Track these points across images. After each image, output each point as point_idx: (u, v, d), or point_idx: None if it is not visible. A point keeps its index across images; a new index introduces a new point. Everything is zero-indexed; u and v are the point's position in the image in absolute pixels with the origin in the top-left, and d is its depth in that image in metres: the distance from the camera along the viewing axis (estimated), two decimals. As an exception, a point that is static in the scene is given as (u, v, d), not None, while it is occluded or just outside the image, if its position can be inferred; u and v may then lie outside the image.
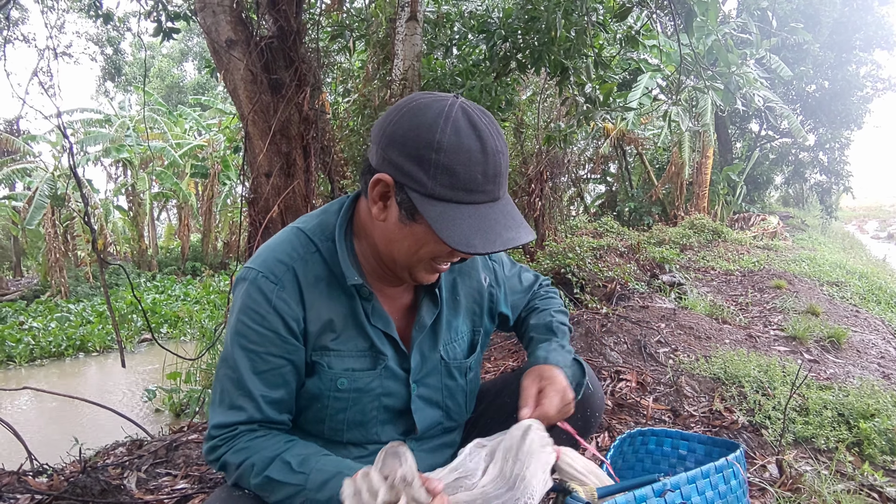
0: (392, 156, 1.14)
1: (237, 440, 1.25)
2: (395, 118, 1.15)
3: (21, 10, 17.00)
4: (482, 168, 1.11)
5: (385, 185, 1.16)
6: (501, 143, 1.15)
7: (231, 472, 1.25)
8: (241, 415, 1.26)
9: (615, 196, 18.32)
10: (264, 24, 4.02)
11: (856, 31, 18.80)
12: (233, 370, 1.27)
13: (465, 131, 1.10)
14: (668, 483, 1.12)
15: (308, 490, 1.15)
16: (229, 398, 1.27)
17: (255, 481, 1.20)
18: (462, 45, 5.99)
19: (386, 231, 1.23)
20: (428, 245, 1.19)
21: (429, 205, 1.12)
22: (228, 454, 1.24)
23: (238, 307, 1.28)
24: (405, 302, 1.43)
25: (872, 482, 2.45)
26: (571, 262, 6.57)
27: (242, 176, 4.39)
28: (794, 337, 4.92)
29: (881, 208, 46.06)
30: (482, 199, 1.13)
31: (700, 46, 9.70)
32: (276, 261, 1.28)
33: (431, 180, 1.10)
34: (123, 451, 3.13)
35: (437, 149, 1.09)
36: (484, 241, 1.10)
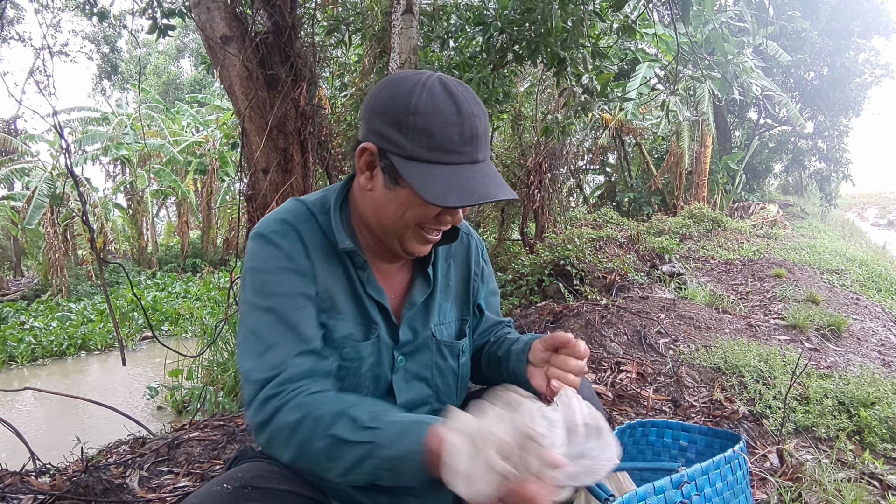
0: (374, 125, 1.21)
1: (293, 394, 1.16)
2: (377, 91, 1.23)
3: (17, 10, 16.94)
4: (458, 129, 1.16)
5: (370, 153, 1.23)
6: (479, 109, 1.20)
7: (286, 435, 1.14)
8: (286, 349, 1.21)
9: (614, 187, 18.29)
10: (259, 20, 4.00)
11: (854, 18, 18.72)
12: (266, 312, 1.23)
13: (441, 96, 1.16)
14: (685, 474, 1.12)
15: (379, 446, 1.06)
16: (269, 339, 1.21)
17: (320, 444, 1.10)
18: (459, 37, 5.97)
19: (374, 200, 1.28)
20: (412, 208, 1.23)
21: (409, 166, 1.17)
22: (283, 412, 1.15)
23: (252, 261, 1.28)
24: (401, 281, 1.46)
25: (873, 470, 2.45)
26: (571, 254, 6.57)
27: (240, 172, 4.39)
28: (795, 326, 4.93)
29: (881, 195, 45.99)
30: (460, 160, 1.18)
31: (697, 35, 9.67)
32: (281, 221, 1.31)
33: (410, 143, 1.16)
34: (125, 449, 3.13)
35: (413, 112, 1.15)
36: (460, 195, 1.14)
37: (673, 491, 1.10)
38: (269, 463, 1.39)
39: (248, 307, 1.26)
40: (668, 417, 3.05)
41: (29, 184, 18.43)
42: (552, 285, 6.25)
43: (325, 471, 1.13)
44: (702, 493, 1.15)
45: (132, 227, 22.42)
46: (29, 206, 17.18)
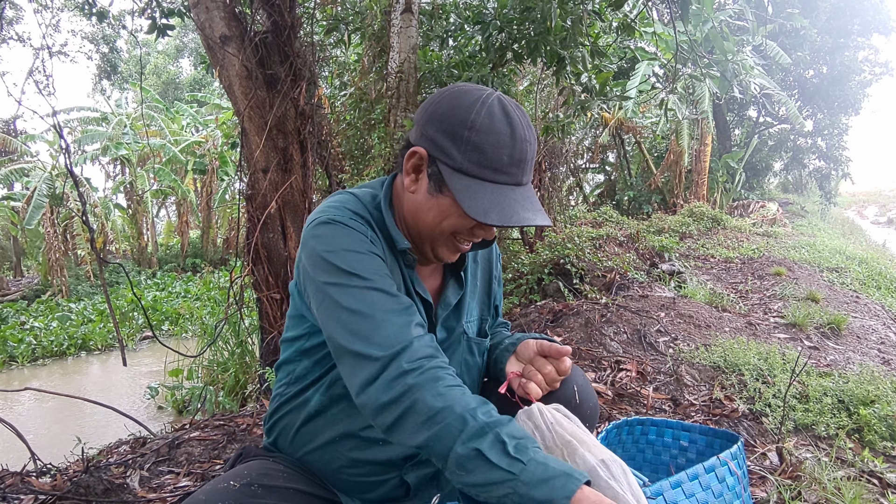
0: (429, 131, 1.24)
1: (433, 374, 1.13)
2: (438, 99, 1.26)
3: (16, 10, 16.92)
4: (509, 151, 1.20)
5: (419, 157, 1.26)
6: (531, 134, 1.24)
7: (423, 419, 1.10)
8: (402, 322, 1.19)
9: (614, 185, 18.29)
10: (258, 20, 4.00)
11: (853, 16, 18.72)
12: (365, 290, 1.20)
13: (498, 116, 1.20)
14: (647, 490, 1.10)
15: (521, 483, 1.02)
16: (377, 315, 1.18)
17: (461, 451, 1.07)
18: (458, 36, 5.96)
19: (414, 202, 1.31)
20: (451, 217, 1.26)
21: (456, 178, 1.21)
22: (425, 393, 1.11)
23: (332, 247, 1.25)
24: (434, 283, 1.49)
25: (873, 468, 2.46)
26: (570, 253, 6.57)
27: (240, 172, 4.39)
28: (794, 324, 4.93)
29: (880, 193, 46.01)
30: (506, 180, 1.22)
31: (697, 34, 9.68)
32: (350, 211, 1.32)
33: (461, 155, 1.20)
34: (126, 449, 3.13)
35: (470, 127, 1.19)
36: (500, 215, 1.18)
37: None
38: (274, 461, 1.41)
39: (340, 289, 1.21)
40: (667, 416, 3.06)
41: (28, 184, 18.43)
42: (552, 284, 6.25)
43: (449, 472, 1.10)
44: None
45: (132, 227, 22.42)
46: (28, 206, 17.17)
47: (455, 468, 1.08)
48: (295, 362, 1.43)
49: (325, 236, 1.26)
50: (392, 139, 5.39)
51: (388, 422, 1.13)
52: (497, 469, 1.04)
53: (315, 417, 1.40)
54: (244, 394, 6.28)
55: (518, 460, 1.04)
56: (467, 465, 1.06)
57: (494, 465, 1.04)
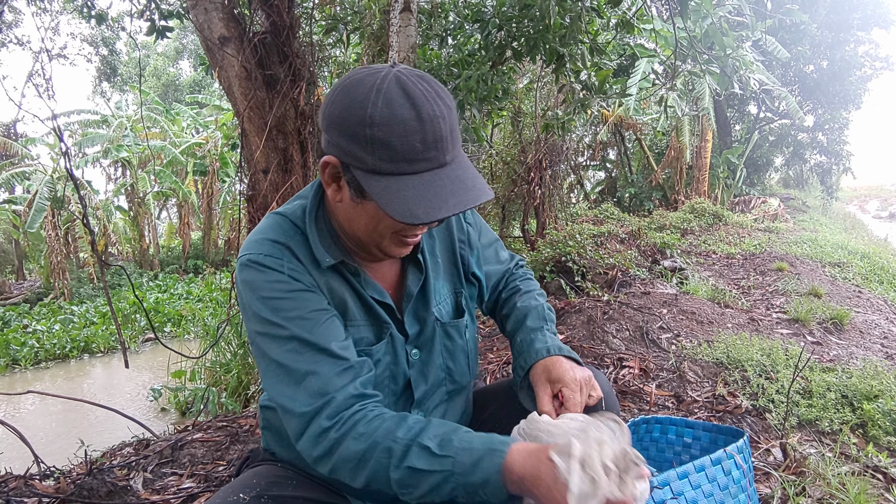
0: (333, 137, 1.14)
1: (352, 423, 1.14)
2: (332, 99, 1.15)
3: (15, 13, 16.92)
4: (420, 136, 1.08)
5: (333, 166, 1.17)
6: (441, 107, 1.11)
7: (353, 465, 1.13)
8: (324, 375, 1.17)
9: (615, 182, 18.28)
10: (257, 20, 3.99)
11: (853, 11, 18.69)
12: (287, 340, 1.19)
13: (398, 101, 1.08)
14: (654, 480, 1.10)
15: (457, 475, 1.06)
16: (301, 368, 1.17)
17: (396, 476, 1.10)
18: (457, 34, 5.95)
19: (344, 211, 1.24)
20: (384, 220, 1.18)
21: (372, 181, 1.10)
22: (346, 443, 1.13)
23: (254, 290, 1.23)
24: (394, 274, 1.43)
25: (877, 463, 2.45)
26: (572, 250, 6.56)
27: (240, 173, 4.39)
28: (797, 319, 4.92)
29: (882, 188, 45.99)
30: (426, 167, 1.11)
31: (696, 30, 9.66)
32: (270, 241, 1.27)
33: (370, 156, 1.09)
34: (129, 451, 3.13)
35: (369, 124, 1.07)
36: (428, 210, 1.08)
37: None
38: (282, 467, 1.39)
39: (265, 339, 1.21)
40: (670, 413, 3.05)
41: (30, 187, 18.45)
42: (554, 282, 6.24)
43: (402, 495, 1.13)
44: (681, 497, 1.13)
45: (133, 229, 22.44)
46: (30, 209, 17.20)
47: (402, 491, 1.11)
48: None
49: (247, 282, 1.24)
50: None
51: (326, 472, 1.17)
52: (433, 473, 1.08)
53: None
54: (247, 395, 6.29)
55: (446, 457, 1.07)
56: (409, 483, 1.10)
57: (429, 472, 1.08)
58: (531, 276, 1.72)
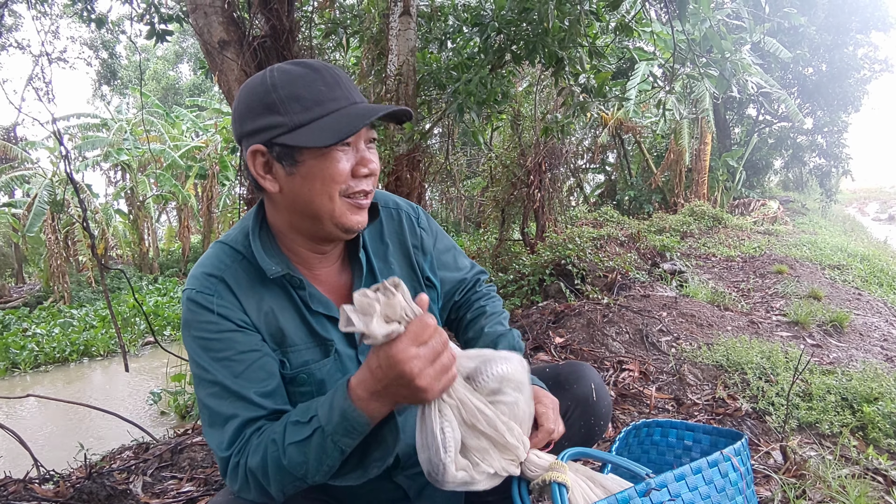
0: (248, 127, 1.22)
1: (248, 442, 1.20)
2: (235, 106, 1.26)
3: (15, 17, 16.94)
4: (321, 81, 1.20)
5: (260, 153, 1.22)
6: (330, 65, 1.24)
7: (261, 475, 1.16)
8: (241, 419, 1.21)
9: (614, 185, 18.29)
10: (257, 24, 4.00)
11: (852, 14, 18.70)
12: (212, 384, 1.23)
13: (289, 68, 1.22)
14: (652, 482, 1.10)
15: (325, 426, 1.11)
16: (223, 412, 1.22)
17: (286, 461, 1.13)
18: (456, 38, 5.96)
19: (287, 196, 1.26)
20: (322, 175, 1.21)
21: (297, 135, 1.18)
22: (248, 460, 1.18)
23: (187, 328, 1.27)
24: (343, 282, 1.43)
25: (877, 466, 2.45)
26: (572, 253, 6.56)
27: (240, 176, 4.39)
28: (797, 322, 4.92)
29: (881, 190, 46.00)
30: (338, 105, 1.20)
31: (695, 33, 9.69)
32: (205, 275, 1.29)
33: (286, 115, 1.18)
34: (129, 455, 3.13)
35: (273, 89, 1.18)
36: (350, 123, 1.17)
37: (640, 499, 1.09)
38: None
39: (197, 380, 1.27)
40: (670, 416, 3.05)
41: (29, 191, 18.45)
42: (553, 285, 6.24)
43: (308, 477, 1.16)
44: (678, 499, 1.13)
45: (133, 233, 22.42)
46: (30, 213, 17.18)
47: (300, 473, 1.15)
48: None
49: (184, 318, 1.29)
50: (391, 142, 5.38)
51: (253, 498, 1.22)
52: (309, 440, 1.12)
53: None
54: (247, 398, 6.27)
55: (311, 417, 1.13)
56: (299, 460, 1.13)
57: (306, 440, 1.13)
58: (495, 294, 1.72)
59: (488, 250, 9.75)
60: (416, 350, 1.03)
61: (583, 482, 1.19)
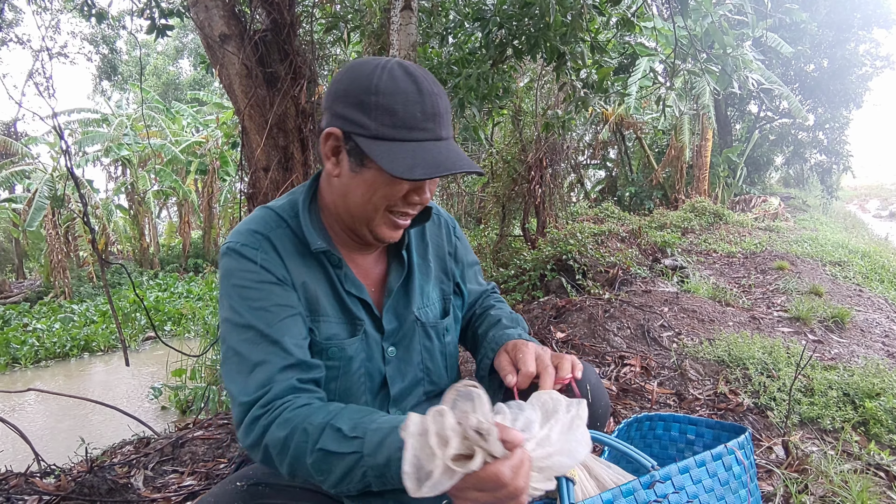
0: (337, 109, 1.22)
1: (280, 410, 1.15)
2: (338, 78, 1.25)
3: (15, 12, 16.91)
4: (420, 107, 1.18)
5: (334, 137, 1.24)
6: (438, 89, 1.23)
7: (277, 451, 1.13)
8: (271, 366, 1.19)
9: (615, 181, 18.28)
10: (257, 18, 3.98)
11: (854, 10, 18.67)
12: (245, 329, 1.22)
13: (401, 77, 1.19)
14: (656, 474, 1.10)
15: (366, 456, 1.04)
16: (253, 358, 1.20)
17: (311, 460, 1.09)
18: (458, 33, 5.95)
19: (341, 185, 1.28)
20: (379, 189, 1.23)
21: (374, 145, 1.17)
22: (273, 429, 1.13)
23: (227, 279, 1.27)
24: (378, 272, 1.46)
25: (879, 461, 2.45)
26: (573, 249, 6.56)
27: (241, 171, 4.38)
28: (798, 318, 4.92)
29: (882, 187, 45.94)
30: (424, 136, 1.20)
31: (696, 29, 9.68)
32: (251, 231, 1.31)
33: (374, 122, 1.17)
34: (130, 449, 3.13)
35: (374, 91, 1.17)
36: (426, 168, 1.15)
37: (644, 492, 1.08)
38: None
39: (228, 326, 1.25)
40: (672, 411, 3.05)
41: (30, 186, 18.45)
42: (554, 280, 6.24)
43: (321, 482, 1.12)
44: (682, 491, 1.13)
45: (134, 228, 22.43)
46: (30, 208, 17.20)
47: (319, 476, 1.10)
48: None
49: (223, 268, 1.29)
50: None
51: (259, 460, 1.18)
52: (344, 456, 1.06)
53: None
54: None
55: (356, 438, 1.06)
56: (323, 467, 1.08)
57: (340, 454, 1.07)
58: (503, 300, 1.74)
59: (489, 246, 9.75)
60: (493, 494, 0.92)
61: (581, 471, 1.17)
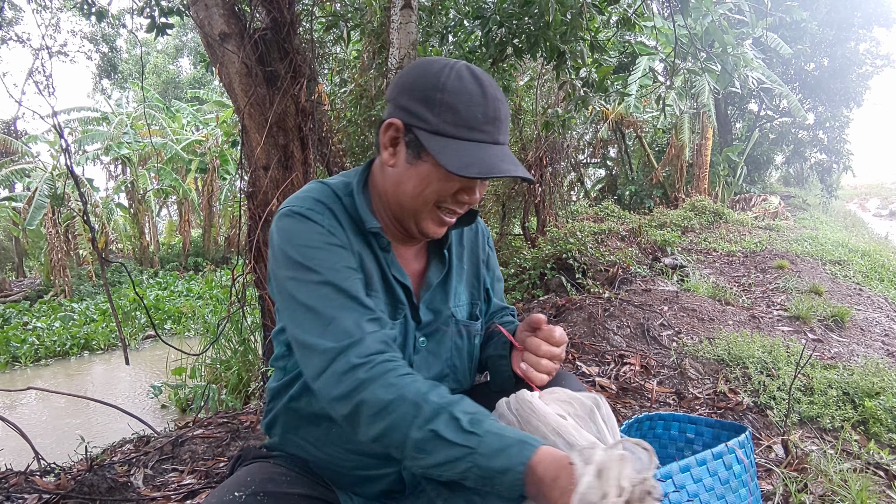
0: (402, 101, 1.26)
1: (382, 369, 1.13)
2: (407, 72, 1.30)
3: (15, 10, 16.89)
4: (482, 109, 1.22)
5: (396, 128, 1.26)
6: (501, 95, 1.26)
7: (373, 412, 1.11)
8: (356, 316, 1.19)
9: (615, 180, 18.27)
10: (257, 16, 3.98)
11: (854, 9, 18.66)
12: (320, 285, 1.21)
13: (468, 78, 1.23)
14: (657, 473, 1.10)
15: (479, 455, 1.04)
16: (330, 311, 1.18)
17: (417, 435, 1.07)
18: (458, 31, 5.95)
19: (395, 175, 1.30)
20: (432, 183, 1.26)
21: (433, 140, 1.21)
22: (374, 387, 1.11)
23: (291, 240, 1.26)
24: (417, 267, 1.47)
25: (878, 460, 2.45)
26: (573, 248, 6.56)
27: (241, 170, 4.38)
28: (798, 317, 4.92)
29: (882, 186, 45.94)
30: (483, 138, 1.23)
31: (697, 28, 9.68)
32: (314, 199, 1.31)
33: (436, 118, 1.21)
34: (130, 448, 3.13)
35: (441, 89, 1.21)
36: (481, 168, 1.18)
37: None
38: (275, 464, 1.38)
39: (295, 284, 1.23)
40: (672, 410, 3.05)
41: (30, 185, 18.44)
42: (554, 279, 6.24)
43: (409, 458, 1.11)
44: (682, 490, 1.13)
45: (134, 227, 22.42)
46: (30, 206, 17.18)
47: (414, 453, 1.09)
48: (286, 357, 1.41)
49: (284, 229, 1.28)
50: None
51: (343, 413, 1.15)
52: (454, 446, 1.05)
53: (306, 409, 1.38)
54: (247, 391, 6.28)
55: (474, 434, 1.05)
56: (426, 448, 1.07)
57: (451, 443, 1.06)
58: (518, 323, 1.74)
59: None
60: None
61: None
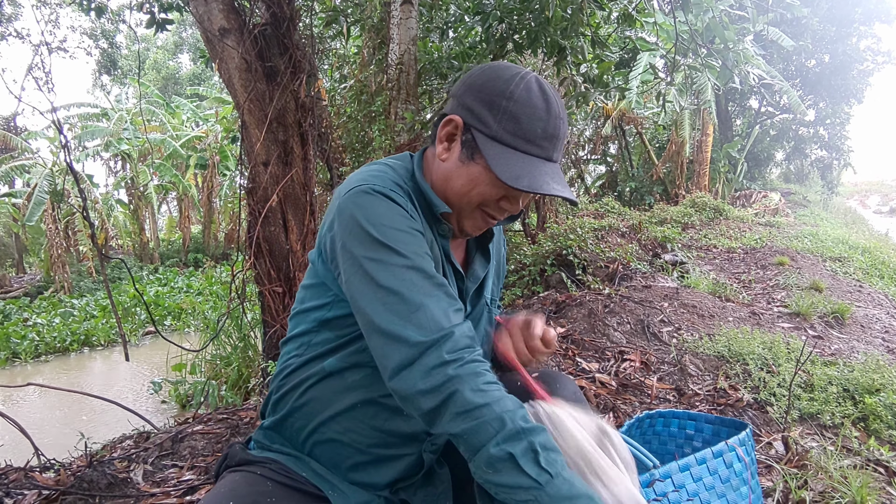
0: (467, 100, 1.27)
1: (473, 369, 1.10)
2: (478, 72, 1.30)
3: (15, 6, 16.85)
4: (544, 125, 1.23)
5: (455, 125, 1.28)
6: (564, 114, 1.27)
7: (458, 412, 1.07)
8: (444, 305, 1.14)
9: (616, 176, 18.24)
10: (257, 12, 3.97)
11: (855, 5, 18.63)
12: (407, 269, 1.15)
13: (536, 91, 1.23)
14: (655, 473, 1.10)
15: (545, 494, 1.02)
16: (418, 297, 1.13)
17: (494, 451, 1.05)
18: (458, 27, 5.94)
19: (445, 170, 1.31)
20: (480, 186, 1.26)
21: (490, 144, 1.22)
22: (465, 389, 1.07)
23: (370, 219, 1.19)
24: (458, 257, 1.47)
25: (878, 457, 2.45)
26: (573, 244, 6.55)
27: (240, 166, 4.37)
28: (798, 313, 4.91)
29: (883, 183, 45.96)
30: (538, 153, 1.23)
31: (698, 24, 9.67)
32: (393, 182, 1.28)
33: (497, 124, 1.22)
34: (129, 444, 3.13)
35: (508, 97, 1.22)
36: (531, 182, 1.19)
37: (643, 490, 1.08)
38: (261, 474, 1.31)
39: (376, 265, 1.15)
40: (672, 406, 3.05)
41: (29, 181, 18.42)
42: (555, 275, 6.24)
43: (476, 466, 1.08)
44: (682, 489, 1.13)
45: (133, 223, 22.42)
46: (30, 202, 17.16)
47: (484, 465, 1.07)
48: (312, 333, 1.35)
49: (366, 206, 1.20)
50: (392, 131, 5.36)
51: (425, 408, 1.10)
52: (525, 476, 1.03)
53: (331, 383, 1.34)
54: (247, 388, 6.28)
55: (546, 472, 1.03)
56: (497, 466, 1.05)
57: (523, 472, 1.04)
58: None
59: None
60: None
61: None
